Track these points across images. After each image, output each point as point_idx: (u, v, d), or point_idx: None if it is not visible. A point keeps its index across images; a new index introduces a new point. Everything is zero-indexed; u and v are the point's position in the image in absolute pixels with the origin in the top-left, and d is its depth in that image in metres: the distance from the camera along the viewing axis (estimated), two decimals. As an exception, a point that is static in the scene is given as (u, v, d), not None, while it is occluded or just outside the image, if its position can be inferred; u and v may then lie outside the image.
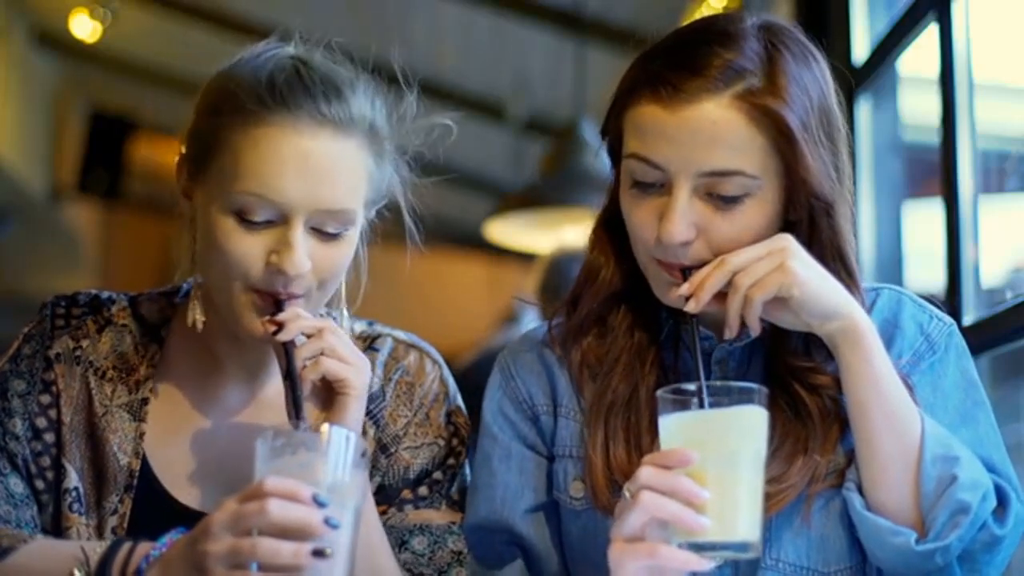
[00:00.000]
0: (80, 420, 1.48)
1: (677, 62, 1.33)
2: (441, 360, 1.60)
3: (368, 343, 1.57)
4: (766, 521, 1.33)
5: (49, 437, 1.47)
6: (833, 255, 1.37)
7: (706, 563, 1.18)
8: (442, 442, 1.54)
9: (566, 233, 4.40)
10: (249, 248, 1.37)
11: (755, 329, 1.33)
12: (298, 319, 1.37)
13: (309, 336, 1.38)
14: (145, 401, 1.49)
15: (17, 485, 1.45)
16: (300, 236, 1.36)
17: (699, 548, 1.17)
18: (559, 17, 4.98)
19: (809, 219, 1.36)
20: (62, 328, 1.52)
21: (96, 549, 1.31)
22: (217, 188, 1.38)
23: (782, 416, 1.37)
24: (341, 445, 1.21)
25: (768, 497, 1.30)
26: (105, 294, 1.57)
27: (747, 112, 1.30)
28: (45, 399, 1.48)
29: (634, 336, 1.45)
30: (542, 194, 4.34)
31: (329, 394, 1.39)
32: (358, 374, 1.39)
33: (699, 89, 1.31)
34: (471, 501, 1.50)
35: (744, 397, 1.21)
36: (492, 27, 5.46)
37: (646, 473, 1.20)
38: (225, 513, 1.18)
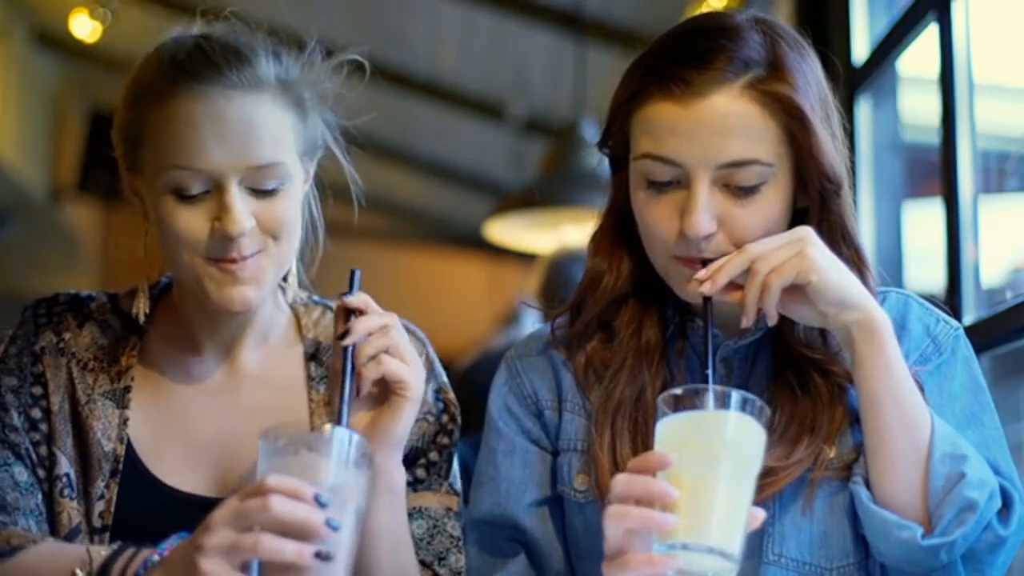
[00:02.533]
0: (67, 408, 1.50)
1: (684, 58, 1.35)
2: (427, 339, 1.61)
3: None
4: (770, 512, 1.34)
5: (44, 427, 1.49)
6: (844, 237, 1.40)
7: (672, 562, 1.16)
8: (431, 418, 1.55)
9: (566, 233, 4.40)
10: (192, 221, 1.41)
11: (772, 317, 1.33)
12: (365, 320, 1.37)
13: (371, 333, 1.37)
14: (127, 389, 1.51)
15: (22, 474, 1.47)
16: (236, 198, 1.40)
17: (672, 548, 1.16)
18: (559, 17, 4.98)
19: (820, 202, 1.38)
20: (45, 324, 1.54)
21: (101, 552, 1.33)
22: (151, 173, 1.43)
23: (789, 397, 1.39)
24: (344, 446, 1.21)
25: (772, 473, 1.32)
26: (84, 293, 1.60)
27: (758, 101, 1.33)
28: (37, 391, 1.51)
29: (640, 338, 1.46)
30: (542, 194, 4.34)
31: (383, 394, 1.38)
32: (417, 376, 1.39)
33: (710, 82, 1.32)
34: (475, 496, 1.51)
35: (736, 404, 1.19)
36: (492, 27, 5.46)
37: (618, 482, 1.20)
38: (226, 509, 1.19)
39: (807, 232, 1.33)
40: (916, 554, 1.29)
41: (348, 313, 1.36)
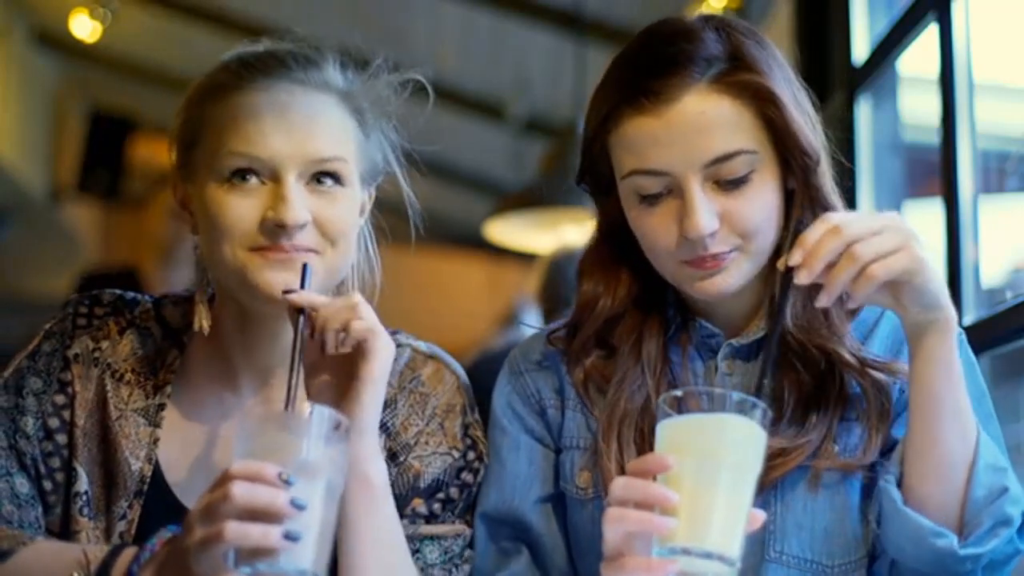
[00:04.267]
0: (93, 423, 1.47)
1: (647, 69, 1.36)
2: (462, 373, 1.58)
3: None
4: (772, 510, 1.35)
5: (61, 438, 1.46)
6: (827, 209, 1.39)
7: (671, 566, 1.15)
8: (456, 453, 1.52)
9: (566, 233, 4.40)
10: (245, 210, 1.38)
11: (858, 302, 1.29)
12: (317, 297, 1.35)
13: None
14: (162, 407, 1.48)
15: (23, 485, 1.44)
16: (293, 189, 1.38)
17: (673, 553, 1.15)
18: (559, 17, 4.98)
19: (804, 179, 1.39)
20: (83, 328, 1.51)
21: (97, 554, 1.31)
22: (207, 164, 1.41)
23: (795, 379, 1.40)
24: (311, 422, 1.21)
25: (783, 453, 1.33)
26: (130, 295, 1.57)
27: (727, 93, 1.35)
28: (60, 399, 1.48)
29: (641, 350, 1.46)
30: (542, 194, 4.34)
31: (346, 380, 1.36)
32: (385, 345, 1.36)
33: (677, 86, 1.34)
34: (480, 493, 1.51)
35: (737, 407, 1.18)
36: (492, 27, 5.46)
37: (617, 485, 1.19)
38: (198, 506, 1.18)
39: (907, 225, 1.29)
40: (945, 560, 1.29)
41: (299, 311, 1.35)
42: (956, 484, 1.30)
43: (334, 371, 1.38)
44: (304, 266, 1.37)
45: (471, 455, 1.52)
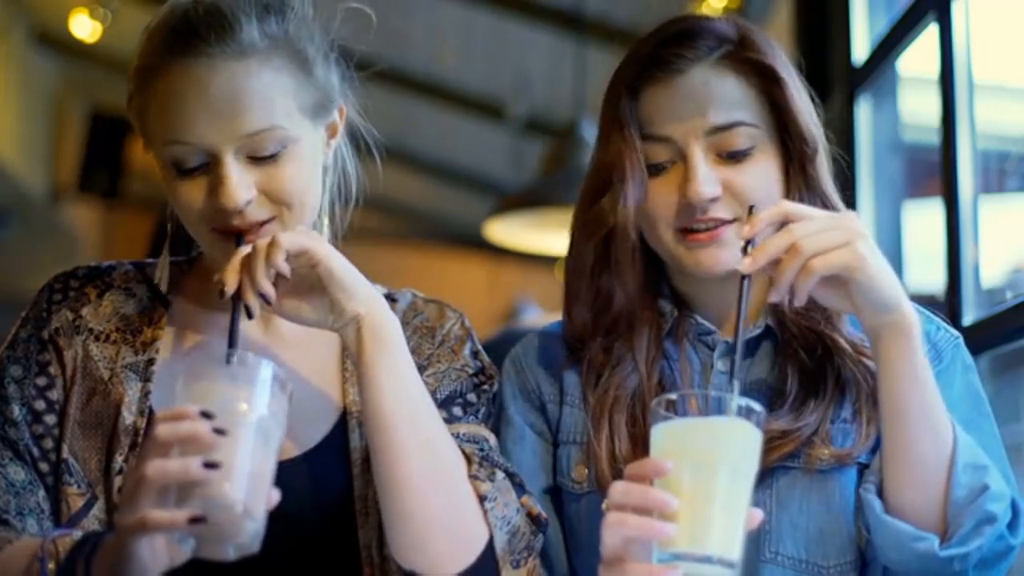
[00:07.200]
0: (84, 389, 1.46)
1: (662, 42, 1.43)
2: (463, 313, 1.60)
3: (388, 298, 1.55)
4: (767, 510, 1.35)
5: (50, 419, 1.46)
6: (824, 201, 1.43)
7: (672, 572, 1.14)
8: (470, 370, 1.53)
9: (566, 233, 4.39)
10: (191, 194, 1.40)
11: (802, 300, 1.28)
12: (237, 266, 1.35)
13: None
14: (151, 361, 1.48)
15: (17, 473, 1.43)
16: (231, 169, 1.37)
17: (676, 558, 1.15)
18: (559, 17, 4.99)
19: (800, 166, 1.43)
20: (60, 302, 1.51)
21: (67, 542, 1.30)
22: (153, 149, 1.43)
23: (794, 362, 1.41)
24: (237, 370, 1.21)
25: (783, 435, 1.34)
26: (105, 264, 1.57)
27: (733, 68, 1.42)
28: (41, 381, 1.48)
29: (634, 336, 1.48)
30: (542, 194, 4.34)
31: (311, 292, 1.36)
32: (319, 242, 1.35)
33: (688, 59, 1.41)
34: None
35: (732, 410, 1.17)
36: (492, 27, 5.46)
37: (615, 490, 1.19)
38: (135, 461, 1.19)
39: (858, 223, 1.29)
40: (929, 563, 1.29)
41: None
42: (934, 487, 1.30)
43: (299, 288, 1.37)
44: (237, 238, 1.38)
45: (482, 377, 1.54)
